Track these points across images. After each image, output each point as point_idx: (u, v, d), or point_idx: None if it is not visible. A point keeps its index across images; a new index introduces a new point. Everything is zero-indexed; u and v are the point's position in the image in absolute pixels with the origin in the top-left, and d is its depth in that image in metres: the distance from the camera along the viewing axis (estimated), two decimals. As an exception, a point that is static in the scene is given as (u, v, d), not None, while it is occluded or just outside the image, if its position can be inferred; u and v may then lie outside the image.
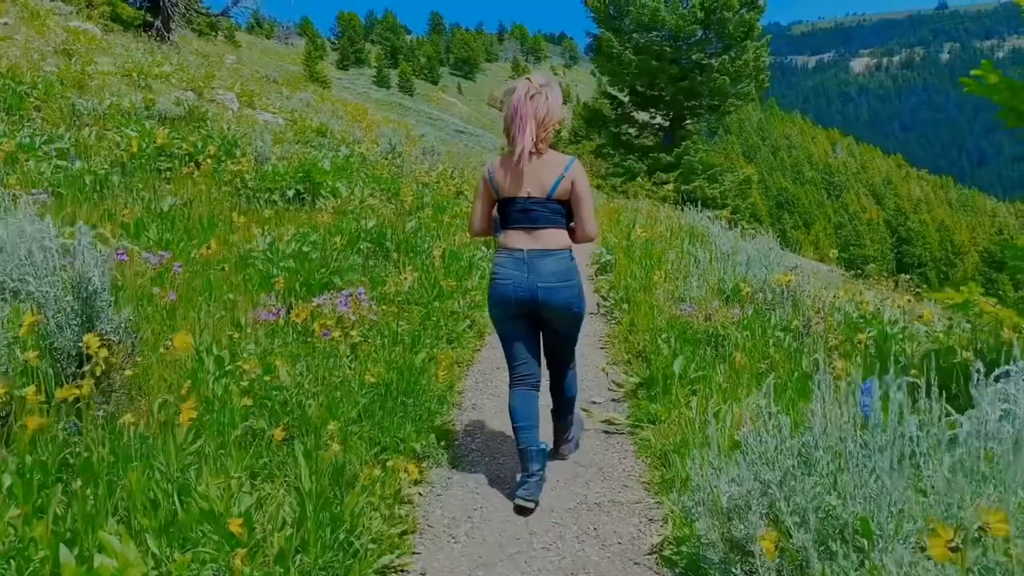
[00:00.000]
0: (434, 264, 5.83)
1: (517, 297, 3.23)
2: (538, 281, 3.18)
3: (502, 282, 3.25)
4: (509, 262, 3.24)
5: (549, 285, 3.19)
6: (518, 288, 3.21)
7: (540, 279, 3.19)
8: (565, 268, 3.23)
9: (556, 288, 3.19)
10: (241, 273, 5.07)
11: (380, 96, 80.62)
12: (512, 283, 3.22)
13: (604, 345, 5.44)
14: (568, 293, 3.23)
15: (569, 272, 3.25)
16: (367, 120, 25.32)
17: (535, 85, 3.24)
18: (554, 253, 3.21)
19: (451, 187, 10.71)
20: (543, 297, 3.19)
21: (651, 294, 5.62)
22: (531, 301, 3.22)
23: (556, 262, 3.21)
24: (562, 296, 3.21)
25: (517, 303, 3.24)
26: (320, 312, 4.37)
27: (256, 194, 8.12)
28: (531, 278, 3.19)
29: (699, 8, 26.61)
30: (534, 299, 3.21)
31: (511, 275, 3.23)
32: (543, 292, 3.19)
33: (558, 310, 3.24)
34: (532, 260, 3.19)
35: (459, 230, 8.29)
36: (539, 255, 3.20)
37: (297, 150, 9.19)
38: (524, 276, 3.20)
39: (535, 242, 3.21)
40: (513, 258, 3.23)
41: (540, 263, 3.19)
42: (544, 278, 3.19)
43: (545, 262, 3.19)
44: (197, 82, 14.14)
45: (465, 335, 5.08)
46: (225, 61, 29.14)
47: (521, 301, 3.23)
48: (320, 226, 6.62)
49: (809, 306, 4.79)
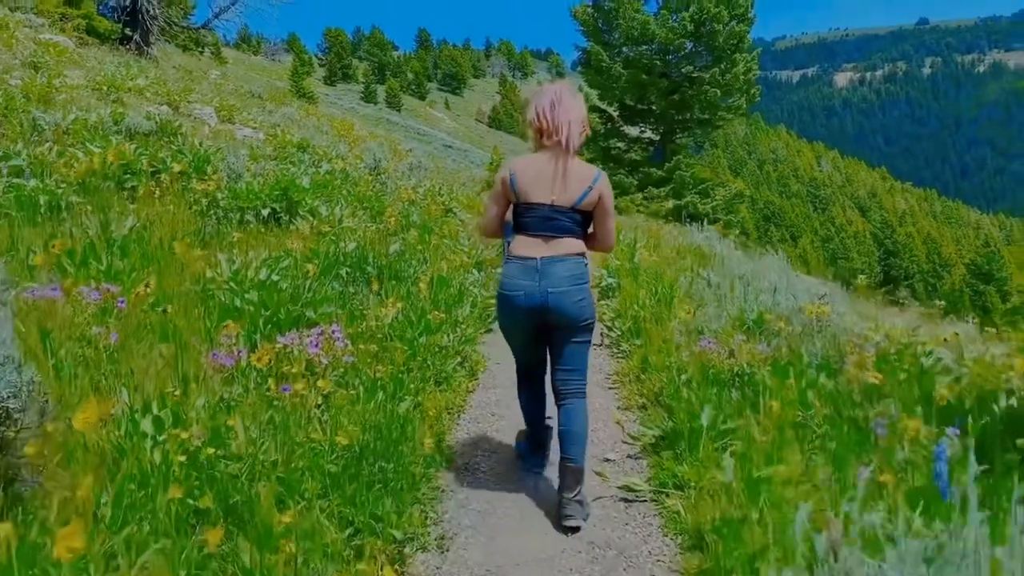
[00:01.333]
0: (420, 292, 5.24)
1: (528, 307, 3.12)
2: (549, 287, 3.08)
3: (512, 294, 3.14)
4: (519, 271, 3.13)
5: (560, 289, 3.08)
6: (530, 298, 3.10)
7: (551, 284, 3.08)
8: (578, 272, 3.13)
9: (568, 292, 3.09)
10: (200, 307, 4.46)
11: (368, 112, 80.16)
12: (523, 293, 3.11)
13: (614, 384, 4.84)
14: (579, 297, 3.12)
15: (582, 276, 3.14)
16: (353, 135, 24.75)
17: (567, 85, 3.20)
18: (568, 259, 3.11)
19: (439, 205, 10.13)
20: (554, 303, 3.08)
21: (664, 325, 5.05)
22: (541, 309, 3.11)
23: (570, 266, 3.11)
24: (573, 300, 3.10)
25: (528, 314, 3.14)
26: (288, 354, 3.76)
27: (228, 214, 7.51)
28: (542, 284, 3.08)
29: (689, 21, 26.25)
30: (544, 305, 3.09)
31: (521, 285, 3.12)
32: (554, 297, 3.08)
33: (569, 316, 3.12)
34: (545, 267, 3.09)
35: (449, 250, 7.71)
36: (552, 261, 3.09)
37: (274, 167, 8.59)
38: (535, 284, 3.09)
39: (551, 250, 3.11)
40: (525, 267, 3.12)
41: (553, 268, 3.09)
42: (555, 283, 3.08)
43: (558, 267, 3.09)
44: (173, 96, 13.53)
45: (456, 375, 4.48)
46: (208, 76, 28.55)
47: (532, 311, 3.13)
48: (295, 249, 6.02)
49: (845, 341, 4.22)
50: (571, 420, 3.23)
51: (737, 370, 4.04)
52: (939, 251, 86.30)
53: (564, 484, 3.15)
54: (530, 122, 3.21)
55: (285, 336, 3.77)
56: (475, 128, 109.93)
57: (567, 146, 3.12)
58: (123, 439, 2.88)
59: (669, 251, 8.21)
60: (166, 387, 3.26)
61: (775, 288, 4.96)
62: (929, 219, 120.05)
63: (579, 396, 3.29)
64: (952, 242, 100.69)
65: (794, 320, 4.55)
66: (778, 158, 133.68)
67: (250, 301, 4.45)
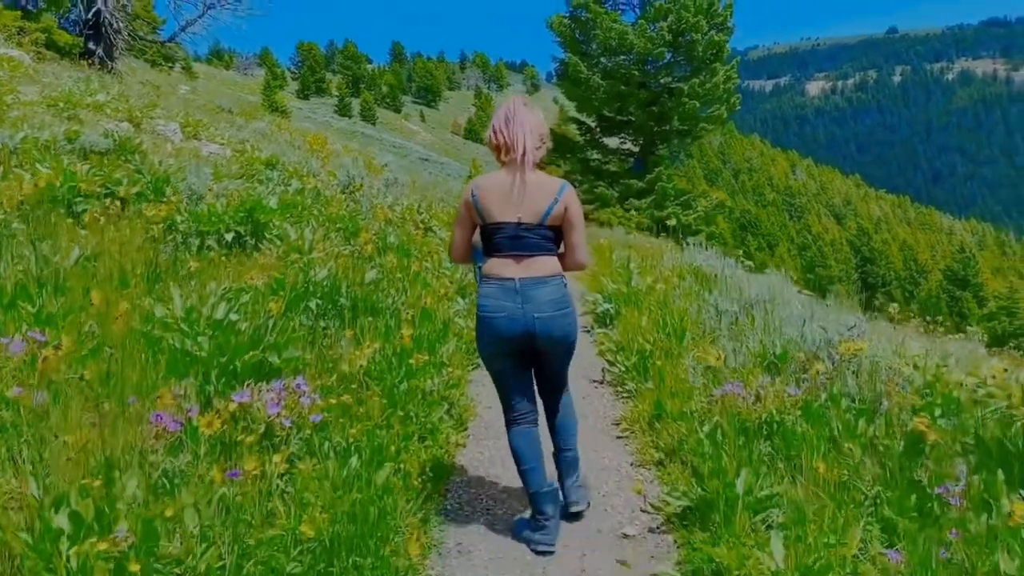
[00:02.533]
0: (400, 327, 4.67)
1: (513, 331, 3.01)
2: (535, 312, 2.98)
3: (495, 316, 3.02)
4: (500, 292, 3.02)
5: (546, 315, 3.00)
6: (513, 321, 3.00)
7: (537, 309, 2.99)
8: (561, 295, 3.05)
9: (553, 317, 3.01)
10: (146, 354, 3.87)
11: (342, 125, 79.44)
12: (507, 316, 3.00)
13: (623, 434, 4.28)
14: (565, 322, 3.06)
15: (565, 300, 3.07)
16: (326, 150, 24.13)
17: (524, 99, 3.13)
18: (548, 281, 3.03)
19: (417, 224, 9.54)
20: (542, 329, 3.00)
21: (675, 362, 4.52)
22: (528, 335, 3.02)
23: (552, 290, 3.02)
24: (560, 326, 3.04)
25: (512, 338, 3.03)
26: (246, 412, 3.19)
27: (188, 239, 6.91)
28: (527, 308, 2.98)
29: (667, 31, 25.94)
30: (531, 332, 3.01)
31: (505, 307, 3.00)
32: (541, 323, 2.99)
33: (557, 342, 3.08)
34: (526, 289, 2.99)
35: (431, 275, 7.16)
36: (533, 283, 3.00)
37: (239, 186, 7.99)
38: (519, 307, 2.99)
39: (527, 270, 3.01)
40: (504, 288, 3.01)
41: (535, 292, 2.99)
42: (541, 308, 2.99)
43: (540, 290, 3.00)
44: (135, 112, 12.87)
45: (441, 426, 3.90)
46: (178, 91, 27.85)
47: (516, 336, 3.02)
48: (256, 282, 5.43)
49: (885, 381, 3.71)
50: (563, 416, 3.35)
51: (766, 417, 3.52)
52: (915, 258, 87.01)
53: (565, 473, 3.32)
54: (488, 140, 3.14)
55: (241, 392, 3.20)
56: (451, 140, 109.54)
57: (525, 160, 3.02)
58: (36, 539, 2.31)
59: (667, 271, 7.67)
60: (91, 465, 2.68)
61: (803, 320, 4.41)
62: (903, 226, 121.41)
63: (565, 394, 3.40)
64: (927, 248, 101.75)
65: (822, 354, 4.04)
66: (753, 167, 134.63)
67: (203, 347, 3.87)
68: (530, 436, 3.22)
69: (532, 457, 3.17)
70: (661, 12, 26.25)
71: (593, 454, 3.91)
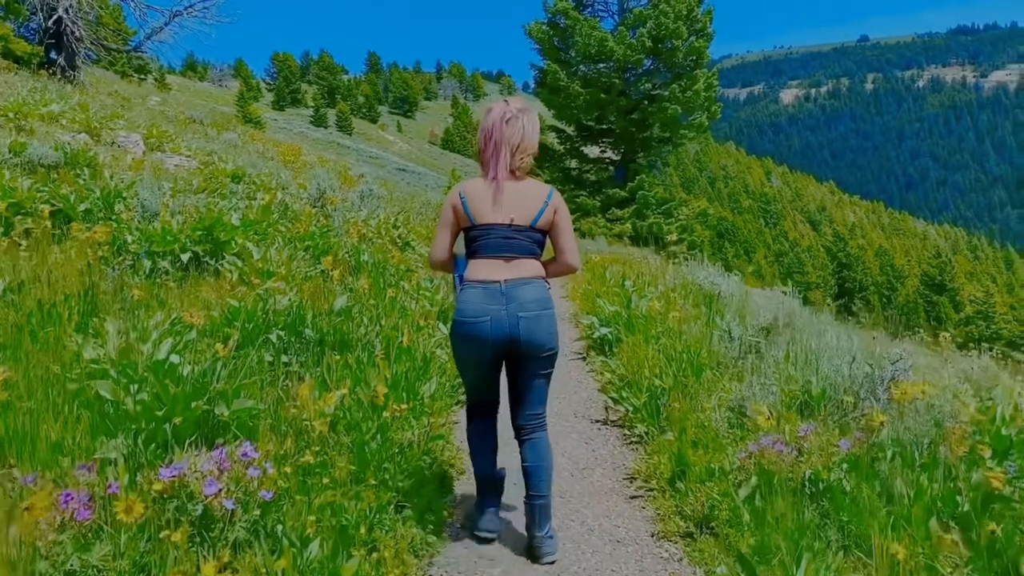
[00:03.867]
0: (376, 364, 4.04)
1: (495, 336, 2.92)
2: (519, 311, 2.92)
3: (475, 321, 2.93)
4: (482, 296, 2.94)
5: (531, 314, 2.93)
6: (496, 325, 2.91)
7: (521, 308, 2.92)
8: (545, 296, 3.01)
9: (538, 316, 2.94)
10: (68, 408, 3.23)
11: (318, 136, 78.53)
12: (489, 320, 2.92)
13: (638, 493, 3.60)
14: (548, 323, 2.98)
15: (548, 301, 3.02)
16: (300, 161, 23.45)
17: (512, 109, 3.05)
18: (532, 281, 2.98)
19: (393, 239, 8.86)
20: (525, 329, 2.92)
21: (694, 401, 3.92)
22: (510, 338, 2.92)
23: (536, 289, 2.97)
24: (543, 326, 2.95)
25: (493, 345, 2.94)
26: (179, 488, 2.56)
27: (139, 261, 6.25)
28: (510, 308, 2.92)
29: (647, 37, 25.55)
30: (515, 335, 2.92)
31: (488, 310, 2.92)
32: (525, 323, 2.92)
33: (537, 344, 2.95)
34: (510, 290, 2.93)
35: (408, 296, 6.54)
36: (517, 284, 2.95)
37: (196, 201, 7.32)
38: (502, 308, 2.92)
39: (513, 272, 2.97)
40: (488, 291, 2.94)
41: (519, 292, 2.94)
42: (524, 307, 2.93)
43: (524, 290, 2.95)
44: (93, 123, 12.14)
45: (423, 491, 3.27)
46: (147, 102, 27.06)
47: (498, 340, 2.93)
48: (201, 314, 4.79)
49: (951, 430, 3.14)
50: (537, 456, 3.08)
51: (813, 477, 2.94)
52: (892, 263, 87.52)
53: (535, 522, 3.03)
54: (480, 142, 3.10)
55: (172, 466, 2.57)
56: (428, 150, 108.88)
57: (517, 166, 3.01)
58: None
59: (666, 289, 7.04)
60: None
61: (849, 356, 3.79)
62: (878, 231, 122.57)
63: (541, 429, 3.13)
64: (902, 253, 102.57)
65: (864, 392, 3.47)
66: (728, 175, 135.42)
67: (137, 399, 3.23)
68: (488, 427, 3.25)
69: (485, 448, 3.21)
70: (640, 18, 25.87)
71: (605, 521, 3.30)
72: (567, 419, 4.77)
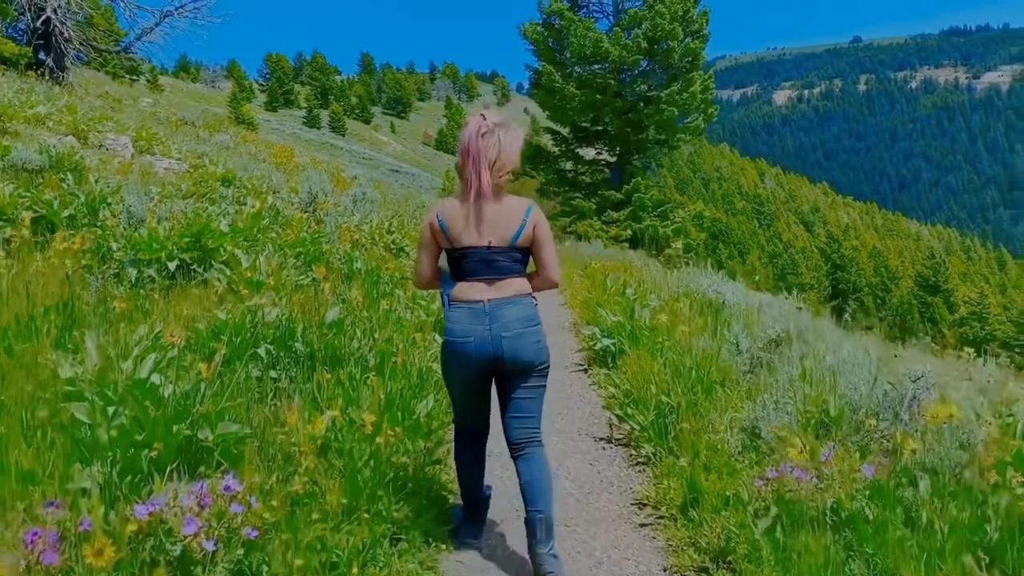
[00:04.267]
0: (368, 382, 3.84)
1: (479, 356, 2.92)
2: (501, 331, 2.90)
3: (461, 341, 2.93)
4: (467, 316, 2.93)
5: (513, 332, 2.91)
6: (480, 345, 2.90)
7: (503, 328, 2.91)
8: (529, 313, 2.98)
9: (521, 334, 2.92)
10: (39, 434, 3.02)
11: (311, 137, 78.23)
12: (473, 340, 2.91)
13: (648, 521, 3.38)
14: (533, 339, 2.95)
15: (533, 317, 2.99)
16: (292, 162, 23.21)
17: (488, 123, 2.94)
18: (518, 301, 2.95)
19: (388, 244, 8.64)
20: (508, 347, 2.90)
21: (704, 420, 3.72)
22: (494, 357, 2.91)
23: (520, 308, 2.95)
24: (527, 343, 2.93)
25: (479, 364, 2.93)
26: (156, 526, 2.36)
27: (125, 269, 6.04)
28: (494, 328, 2.90)
29: (643, 38, 25.38)
30: (498, 353, 2.90)
31: (472, 331, 2.91)
32: (508, 342, 2.90)
33: (523, 361, 2.93)
34: (494, 310, 2.92)
35: (403, 306, 6.34)
36: (502, 304, 2.93)
37: (185, 206, 7.11)
38: (486, 329, 2.91)
39: (497, 292, 2.94)
40: (472, 312, 2.93)
41: (503, 311, 2.92)
42: (507, 326, 2.91)
43: (508, 310, 2.92)
44: (80, 125, 11.91)
45: (420, 520, 3.06)
46: (139, 104, 26.81)
47: (483, 360, 2.92)
48: (200, 319, 4.60)
49: (978, 452, 2.96)
50: (533, 470, 3.02)
51: (835, 507, 2.76)
52: (886, 264, 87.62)
53: (537, 538, 2.93)
54: (458, 157, 3.02)
55: (149, 501, 2.37)
56: (422, 151, 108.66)
57: (492, 185, 2.89)
58: None
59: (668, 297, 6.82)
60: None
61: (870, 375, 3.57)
62: (871, 232, 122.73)
63: (536, 444, 3.07)
64: (895, 254, 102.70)
65: (885, 412, 3.29)
66: (722, 176, 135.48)
67: (117, 423, 3.02)
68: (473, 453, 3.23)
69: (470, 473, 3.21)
70: (636, 19, 25.71)
71: (614, 552, 3.11)
72: (570, 437, 4.58)
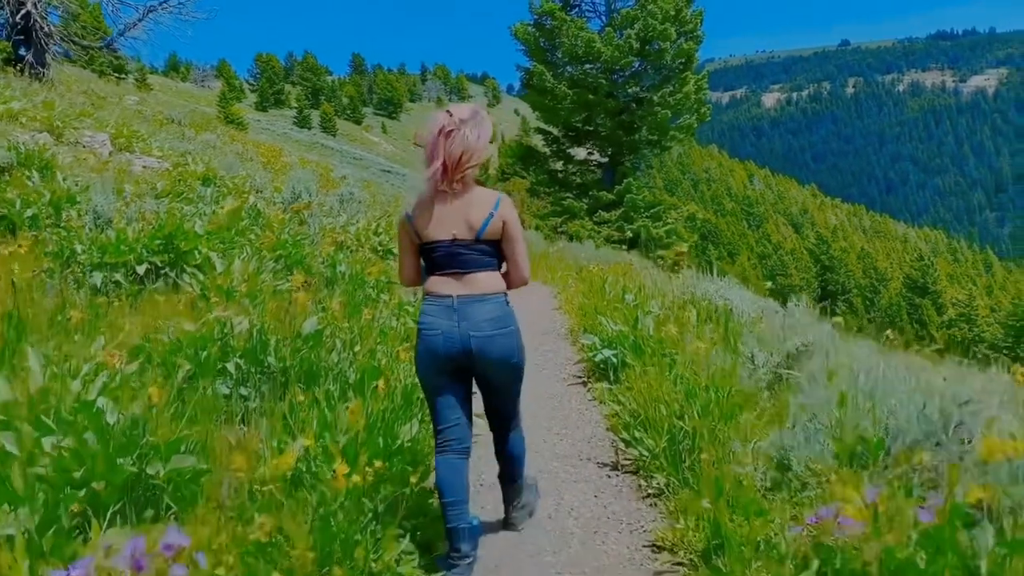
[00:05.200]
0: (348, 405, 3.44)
1: (448, 350, 2.86)
2: (471, 330, 2.84)
3: (430, 334, 2.88)
4: (436, 310, 2.89)
5: (483, 334, 2.85)
6: (449, 340, 2.85)
7: (473, 327, 2.84)
8: (500, 314, 2.90)
9: (491, 337, 2.85)
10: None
11: (301, 137, 77.62)
12: (442, 334, 2.86)
13: (665, 568, 2.95)
14: (505, 342, 2.89)
15: (505, 318, 2.91)
16: (280, 162, 22.75)
17: (454, 120, 2.86)
18: (488, 298, 2.89)
19: (375, 248, 8.21)
20: (477, 348, 2.84)
21: (724, 448, 3.32)
22: (463, 354, 2.86)
23: (490, 308, 2.88)
24: (498, 346, 2.87)
25: (448, 357, 2.87)
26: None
27: (92, 273, 5.63)
28: (463, 326, 2.84)
29: (635, 38, 25.06)
30: (467, 351, 2.85)
31: (439, 324, 2.86)
32: (477, 342, 2.84)
33: (495, 363, 2.90)
34: (463, 307, 2.86)
35: (389, 312, 5.94)
36: (470, 301, 2.86)
37: (158, 206, 6.69)
38: (454, 325, 2.85)
39: (465, 287, 2.88)
40: (441, 306, 2.88)
41: (472, 309, 2.85)
42: (477, 326, 2.84)
43: (477, 308, 2.86)
44: (56, 122, 11.45)
45: (403, 566, 2.66)
46: (124, 101, 26.27)
47: (452, 355, 2.86)
48: (165, 330, 4.19)
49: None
50: (508, 444, 3.19)
51: (882, 552, 2.38)
52: (875, 266, 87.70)
53: (509, 499, 3.31)
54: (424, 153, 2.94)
55: (74, 565, 1.97)
56: (414, 152, 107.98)
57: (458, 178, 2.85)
58: None
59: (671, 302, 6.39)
60: None
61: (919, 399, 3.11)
62: (859, 234, 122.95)
63: (514, 430, 3.20)
64: (883, 255, 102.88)
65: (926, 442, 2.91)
66: (712, 177, 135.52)
67: (61, 454, 2.62)
68: (456, 467, 2.97)
69: (455, 490, 2.94)
70: (628, 19, 25.38)
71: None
72: (572, 463, 4.16)
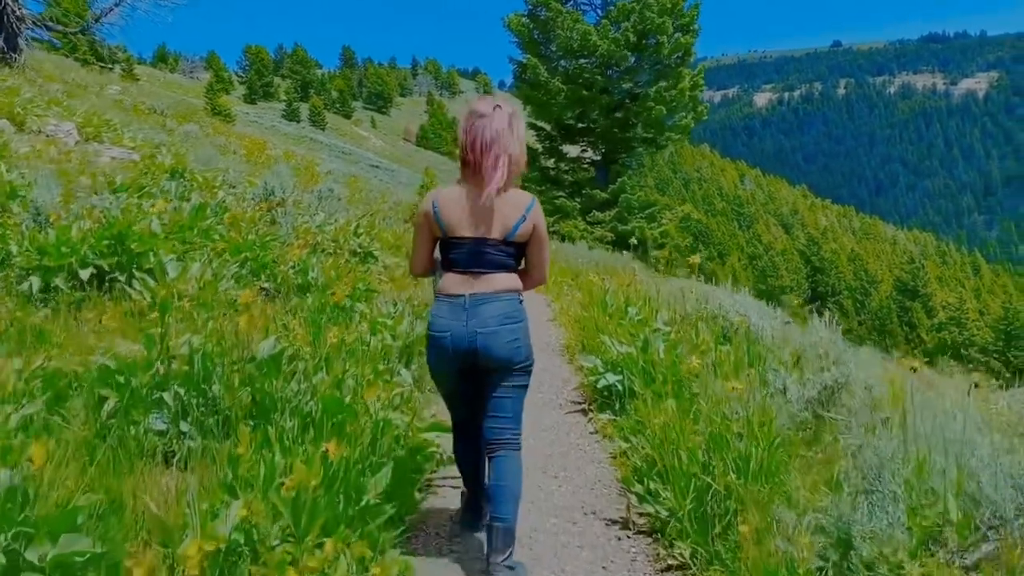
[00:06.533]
0: (307, 449, 2.82)
1: (456, 351, 2.81)
2: (477, 327, 2.78)
3: (439, 335, 2.83)
4: (448, 311, 2.83)
5: (488, 330, 2.77)
6: (457, 340, 2.80)
7: (479, 324, 2.78)
8: (511, 311, 2.83)
9: (496, 332, 2.77)
10: None
11: (290, 130, 76.62)
12: (451, 335, 2.80)
13: None
14: (510, 336, 2.79)
15: (514, 315, 2.84)
16: (264, 156, 22.04)
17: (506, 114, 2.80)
18: (502, 296, 2.82)
19: (354, 249, 7.54)
20: (482, 344, 2.78)
21: (766, 515, 2.66)
22: (470, 351, 2.80)
23: (501, 305, 2.81)
24: (503, 340, 2.77)
25: (456, 357, 2.83)
26: None
27: (28, 277, 4.97)
28: (471, 324, 2.78)
29: (631, 32, 24.45)
30: (473, 348, 2.79)
31: (450, 326, 2.81)
32: (482, 339, 2.77)
33: (498, 359, 2.79)
34: (474, 306, 2.80)
35: (366, 321, 5.31)
36: (483, 299, 2.80)
37: (112, 202, 6.03)
38: (463, 325, 2.79)
39: (482, 286, 2.82)
40: (452, 305, 2.83)
41: (483, 307, 2.79)
42: (484, 322, 2.78)
43: (488, 306, 2.80)
44: (17, 109, 10.75)
45: None
46: (106, 91, 25.48)
47: (459, 354, 2.81)
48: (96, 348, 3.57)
49: None
50: (503, 475, 2.84)
51: None
52: (865, 268, 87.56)
53: (493, 547, 2.77)
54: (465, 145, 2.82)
55: None
56: (403, 147, 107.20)
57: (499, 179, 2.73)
58: None
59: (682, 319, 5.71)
60: None
61: (992, 460, 2.47)
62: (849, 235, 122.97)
63: (512, 447, 2.90)
64: (873, 257, 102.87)
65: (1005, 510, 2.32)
66: (703, 177, 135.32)
67: None
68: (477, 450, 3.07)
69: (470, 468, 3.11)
70: (624, 12, 24.77)
71: None
72: (573, 518, 3.48)
